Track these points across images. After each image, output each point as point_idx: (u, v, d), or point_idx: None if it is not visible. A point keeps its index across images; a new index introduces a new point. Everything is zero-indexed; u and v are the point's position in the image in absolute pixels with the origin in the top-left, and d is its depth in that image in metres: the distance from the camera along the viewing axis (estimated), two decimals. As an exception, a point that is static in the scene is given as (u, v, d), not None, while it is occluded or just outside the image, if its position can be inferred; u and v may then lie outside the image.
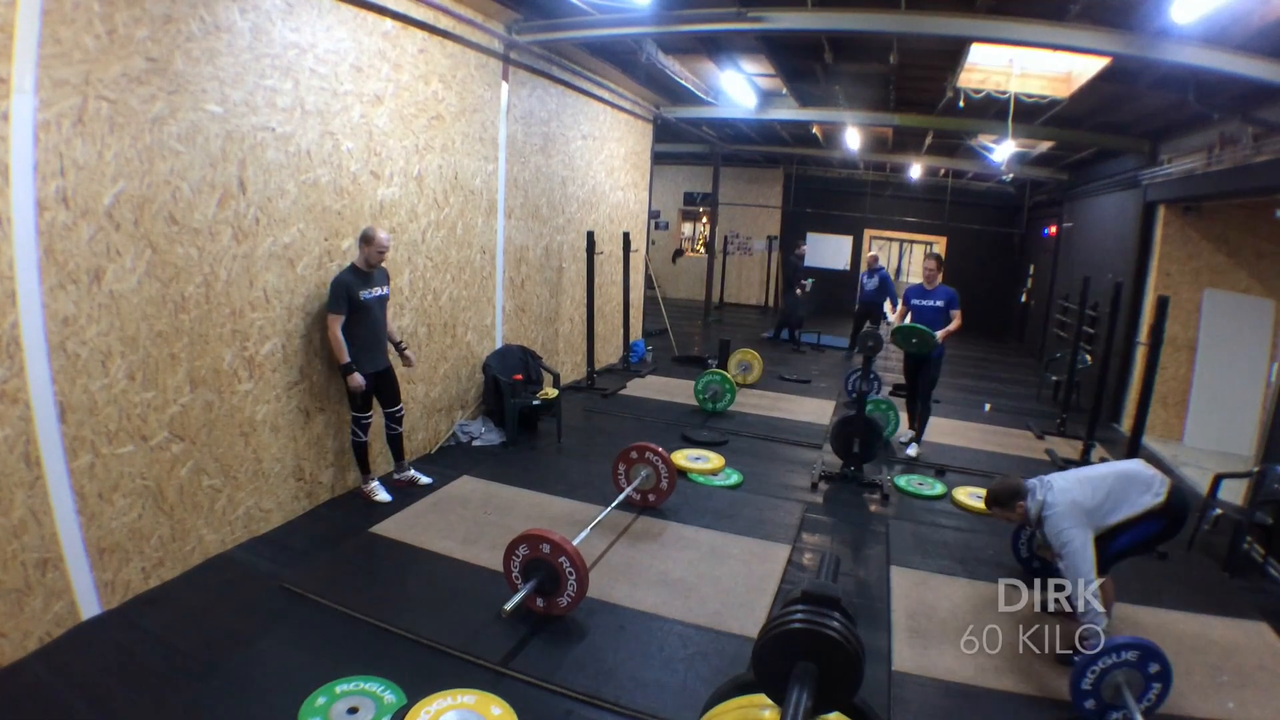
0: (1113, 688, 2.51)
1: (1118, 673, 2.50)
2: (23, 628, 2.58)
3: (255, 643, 2.76)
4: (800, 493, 4.77)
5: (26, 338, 2.51)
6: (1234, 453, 6.07)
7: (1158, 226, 6.95)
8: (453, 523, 3.89)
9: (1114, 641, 2.54)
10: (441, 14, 4.54)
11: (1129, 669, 2.50)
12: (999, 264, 13.77)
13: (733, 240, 14.42)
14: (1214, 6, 3.42)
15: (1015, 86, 5.88)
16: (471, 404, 5.49)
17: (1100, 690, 2.52)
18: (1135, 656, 2.50)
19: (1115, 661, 2.49)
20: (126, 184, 2.78)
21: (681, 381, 7.50)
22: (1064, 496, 2.83)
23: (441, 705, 2.39)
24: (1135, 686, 2.51)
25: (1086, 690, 2.52)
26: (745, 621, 3.09)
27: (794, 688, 1.66)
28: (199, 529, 3.28)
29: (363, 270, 3.83)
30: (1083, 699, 2.53)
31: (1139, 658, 2.50)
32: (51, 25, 2.47)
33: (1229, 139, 5.56)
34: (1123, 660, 2.49)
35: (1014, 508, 2.98)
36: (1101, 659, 2.50)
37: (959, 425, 6.77)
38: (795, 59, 6.53)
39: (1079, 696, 2.54)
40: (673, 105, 8.60)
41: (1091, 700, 2.53)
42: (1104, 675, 2.50)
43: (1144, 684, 2.52)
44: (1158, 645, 2.54)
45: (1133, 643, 2.53)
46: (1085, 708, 2.54)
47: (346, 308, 3.74)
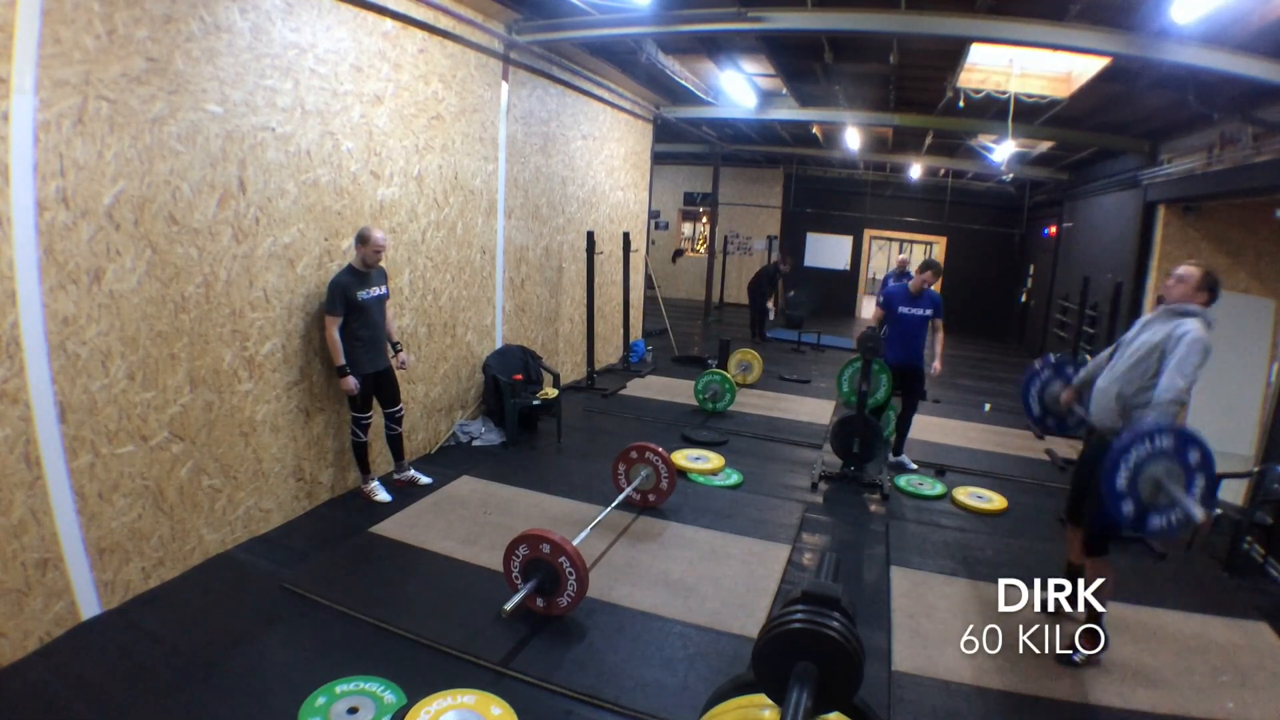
0: (1152, 484, 2.21)
1: (1154, 465, 2.21)
2: (23, 628, 2.58)
3: (255, 643, 2.76)
4: (800, 493, 4.77)
5: (26, 338, 2.51)
6: (1234, 452, 6.06)
7: (1158, 226, 6.94)
8: (453, 523, 3.89)
9: (1142, 428, 2.25)
10: (441, 14, 4.54)
11: (1167, 460, 2.20)
12: (999, 264, 13.76)
13: (733, 240, 14.41)
14: (1214, 6, 3.42)
15: (1015, 86, 5.88)
16: (471, 404, 5.50)
17: (1138, 487, 2.21)
18: (1171, 444, 2.19)
19: (1149, 451, 2.19)
20: (126, 184, 2.78)
21: (681, 381, 7.51)
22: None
23: (441, 705, 2.40)
24: (1177, 480, 2.20)
25: (1122, 492, 2.22)
26: (745, 621, 3.09)
27: (794, 688, 1.66)
28: (199, 529, 3.28)
29: (360, 270, 3.83)
30: (1120, 504, 2.25)
31: (1175, 445, 2.19)
32: (51, 25, 2.47)
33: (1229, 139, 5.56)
34: (1158, 449, 2.20)
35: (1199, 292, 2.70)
36: (1134, 448, 2.18)
37: (959, 425, 6.77)
38: (795, 59, 6.53)
39: (1115, 501, 2.24)
40: (673, 105, 8.60)
41: (1130, 503, 2.23)
42: (1139, 470, 2.20)
43: (1185, 477, 2.20)
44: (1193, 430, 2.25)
45: (1166, 427, 2.22)
46: (1124, 513, 2.27)
47: (343, 309, 3.74)
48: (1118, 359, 2.90)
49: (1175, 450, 2.21)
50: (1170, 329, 2.68)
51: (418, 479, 4.35)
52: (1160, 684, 2.81)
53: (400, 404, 4.18)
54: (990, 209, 13.78)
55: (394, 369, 4.13)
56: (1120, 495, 2.25)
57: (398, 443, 4.30)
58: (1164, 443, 2.22)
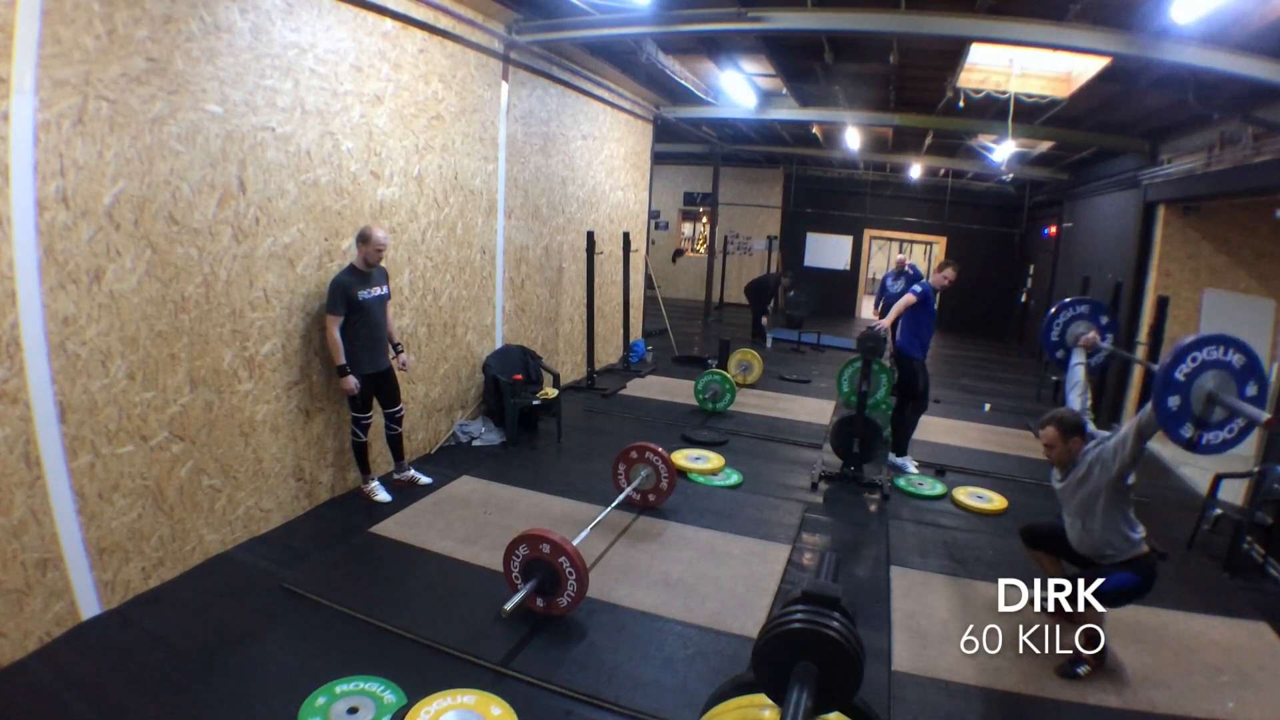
0: (1204, 398, 2.13)
1: (1206, 377, 2.12)
2: (23, 628, 2.58)
3: (255, 643, 2.76)
4: (800, 493, 4.77)
5: (26, 338, 2.50)
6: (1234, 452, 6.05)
7: (1158, 226, 6.94)
8: (453, 523, 3.88)
9: (1185, 342, 2.16)
10: (441, 14, 4.54)
11: (1217, 371, 2.11)
12: (999, 264, 13.77)
13: (733, 240, 14.41)
14: (1214, 6, 3.42)
15: (1015, 86, 5.88)
16: (471, 404, 5.50)
17: (1190, 406, 2.11)
18: (1220, 352, 2.09)
19: (1200, 363, 2.10)
20: (126, 184, 2.78)
21: (681, 381, 7.51)
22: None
23: (441, 705, 2.39)
24: (1229, 391, 2.12)
25: (1175, 412, 2.13)
26: (745, 621, 3.09)
27: (794, 688, 1.66)
28: (199, 529, 3.28)
29: (361, 270, 3.83)
30: (1179, 426, 2.17)
31: (1224, 350, 2.10)
32: (51, 25, 2.47)
33: (1229, 139, 5.56)
34: (1212, 360, 2.11)
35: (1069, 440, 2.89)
36: (1187, 358, 2.07)
37: (959, 425, 6.77)
38: (795, 59, 6.53)
39: (1172, 423, 2.14)
40: (673, 105, 8.60)
41: (1190, 425, 2.15)
42: (1189, 385, 2.10)
43: (1237, 385, 2.12)
44: (1232, 335, 2.17)
45: (1210, 337, 2.12)
46: (1183, 437, 2.21)
47: (344, 309, 3.74)
48: (1066, 511, 2.99)
49: (1219, 359, 2.15)
50: (1094, 458, 2.78)
51: (418, 479, 4.35)
52: (1160, 684, 2.81)
53: (400, 404, 4.18)
54: (990, 209, 13.79)
55: (394, 369, 4.13)
56: (1176, 417, 2.18)
57: (398, 443, 4.30)
58: (1207, 353, 2.15)
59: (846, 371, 5.20)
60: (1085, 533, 2.87)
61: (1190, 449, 2.31)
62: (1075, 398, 3.34)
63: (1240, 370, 2.17)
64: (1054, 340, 3.93)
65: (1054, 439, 2.88)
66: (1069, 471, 2.90)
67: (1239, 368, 2.16)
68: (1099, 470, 2.75)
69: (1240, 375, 2.17)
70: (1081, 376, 3.47)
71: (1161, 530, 4.40)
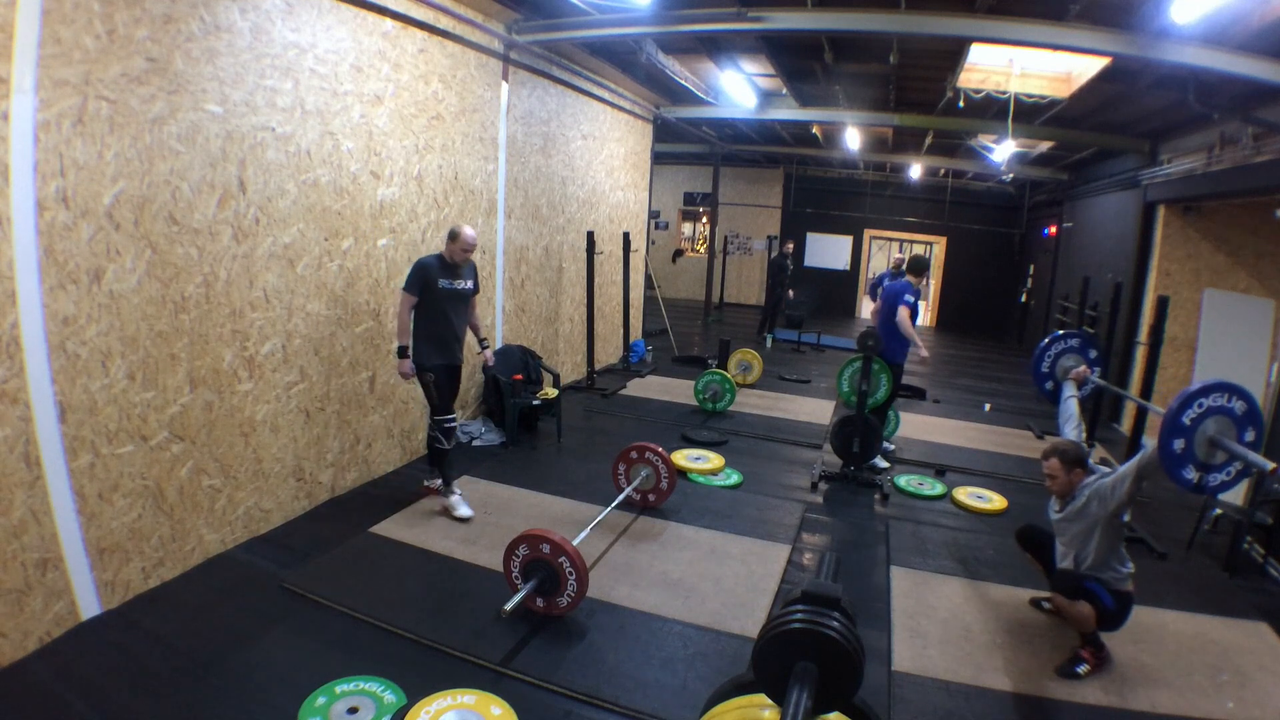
0: (1206, 442, 2.18)
1: (1208, 423, 2.17)
2: (23, 628, 2.58)
3: (255, 643, 2.76)
4: (800, 493, 4.77)
5: (26, 338, 2.50)
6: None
7: (1158, 226, 6.95)
8: (453, 522, 3.88)
9: (1189, 390, 2.20)
10: (441, 14, 4.54)
11: (1219, 416, 2.17)
12: (999, 264, 13.78)
13: (733, 240, 14.42)
14: (1214, 6, 3.43)
15: (1015, 86, 5.88)
16: (471, 404, 5.49)
17: (1194, 450, 2.18)
18: (1224, 399, 2.14)
19: (1202, 410, 2.15)
20: (126, 184, 2.78)
21: (681, 381, 7.51)
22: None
23: (441, 705, 2.39)
24: (1229, 435, 2.18)
25: (1179, 455, 2.19)
26: (745, 621, 3.09)
27: (794, 688, 1.66)
28: (199, 529, 3.28)
29: (449, 262, 3.79)
30: (1182, 469, 2.22)
31: (1227, 398, 2.15)
32: (51, 25, 2.47)
33: (1229, 139, 5.56)
34: (1215, 406, 2.16)
35: (1072, 472, 2.94)
36: (1189, 408, 2.13)
37: (959, 425, 6.78)
38: (795, 59, 6.54)
39: (1175, 466, 2.20)
40: (673, 105, 8.60)
41: (1192, 468, 2.20)
42: (1194, 430, 2.15)
43: (1237, 430, 2.18)
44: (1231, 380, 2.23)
45: (1214, 384, 2.18)
46: (1187, 480, 2.24)
47: (419, 291, 3.68)
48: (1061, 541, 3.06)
49: (1223, 405, 2.21)
50: (1092, 492, 2.83)
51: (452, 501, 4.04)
52: (1160, 684, 2.81)
53: (453, 414, 4.01)
54: (990, 209, 13.80)
55: (460, 374, 3.98)
56: (1179, 460, 2.24)
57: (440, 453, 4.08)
58: (1213, 400, 2.21)
59: (846, 371, 5.21)
60: (1077, 564, 2.93)
61: (1195, 491, 2.36)
62: (1070, 430, 3.37)
63: (1241, 416, 2.23)
64: (1044, 372, 4.06)
65: (1057, 470, 2.95)
66: (1068, 503, 2.96)
67: (1240, 414, 2.23)
68: (1096, 504, 2.81)
69: (1240, 421, 2.23)
70: (1075, 410, 3.50)
71: (1161, 530, 4.41)
